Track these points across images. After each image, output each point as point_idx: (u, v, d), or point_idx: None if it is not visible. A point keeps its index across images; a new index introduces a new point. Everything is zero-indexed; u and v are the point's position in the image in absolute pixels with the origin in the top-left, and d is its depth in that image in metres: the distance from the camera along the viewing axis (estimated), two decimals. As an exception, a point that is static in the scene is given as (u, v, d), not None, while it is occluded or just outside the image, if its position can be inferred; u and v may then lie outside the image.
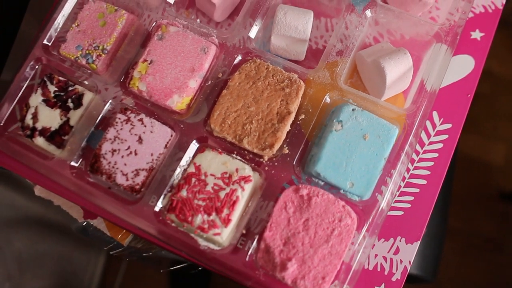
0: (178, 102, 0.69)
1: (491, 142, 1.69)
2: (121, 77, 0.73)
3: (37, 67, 0.74)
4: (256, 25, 0.73)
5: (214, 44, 0.72)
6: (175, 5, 0.77)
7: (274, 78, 0.69)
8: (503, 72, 1.79)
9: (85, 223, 0.82)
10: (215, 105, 0.68)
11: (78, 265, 1.50)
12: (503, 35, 1.74)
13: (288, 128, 0.67)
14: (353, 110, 0.67)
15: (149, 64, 0.70)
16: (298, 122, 0.69)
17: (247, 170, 0.67)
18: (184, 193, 0.66)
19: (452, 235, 1.55)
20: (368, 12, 0.73)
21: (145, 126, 0.69)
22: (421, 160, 0.73)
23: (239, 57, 0.72)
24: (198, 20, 0.77)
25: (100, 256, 1.58)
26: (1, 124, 0.72)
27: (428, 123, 0.75)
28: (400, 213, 0.71)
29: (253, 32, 0.74)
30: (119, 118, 0.69)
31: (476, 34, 0.78)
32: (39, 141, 0.71)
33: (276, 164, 0.68)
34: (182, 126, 0.70)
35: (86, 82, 0.74)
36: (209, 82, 0.71)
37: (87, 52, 0.73)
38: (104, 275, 1.59)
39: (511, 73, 1.80)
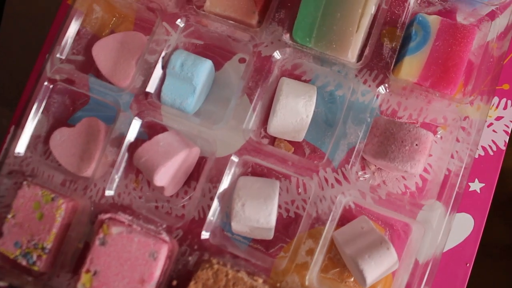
0: (130, 318, 0.61)
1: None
2: (70, 268, 0.65)
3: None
4: (211, 218, 0.62)
5: (165, 243, 0.62)
6: (124, 170, 0.67)
7: None
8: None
9: None
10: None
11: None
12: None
13: None
14: (327, 327, 0.58)
15: (93, 275, 0.61)
16: None
17: None
18: None
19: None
20: (350, 173, 0.63)
21: None
22: None
23: (195, 257, 0.62)
24: (149, 189, 0.67)
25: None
26: None
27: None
28: None
29: (212, 210, 0.63)
30: None
31: (475, 185, 0.66)
32: None
33: None
34: None
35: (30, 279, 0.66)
36: (163, 291, 0.62)
37: (27, 250, 0.65)
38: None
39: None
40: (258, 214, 0.60)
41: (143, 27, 0.71)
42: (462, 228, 0.65)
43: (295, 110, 0.62)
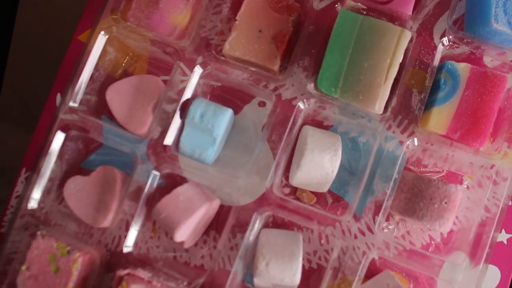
0: None
1: None
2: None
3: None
4: (234, 274, 0.61)
5: (186, 299, 0.61)
6: (141, 220, 0.65)
7: None
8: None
9: None
10: None
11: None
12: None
13: None
14: None
15: (112, 334, 0.60)
16: None
17: None
18: None
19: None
20: (373, 224, 0.62)
21: None
22: None
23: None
24: (167, 239, 0.65)
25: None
26: None
27: None
28: None
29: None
30: None
31: (502, 236, 0.64)
32: None
33: None
34: None
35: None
36: None
37: (43, 306, 0.63)
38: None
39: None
40: (283, 273, 0.59)
41: (158, 66, 0.68)
42: (488, 280, 0.64)
43: (320, 165, 0.60)
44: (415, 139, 0.61)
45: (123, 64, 0.69)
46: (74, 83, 0.64)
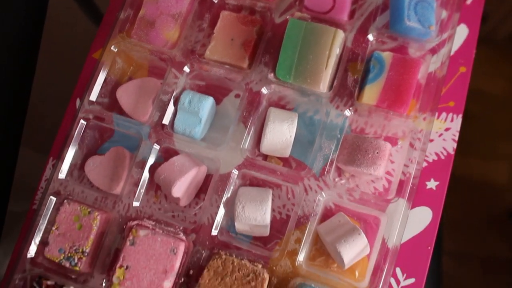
0: (156, 304, 0.75)
1: (492, 162, 1.66)
2: (104, 269, 0.80)
3: (26, 274, 0.81)
4: (219, 219, 0.78)
5: (182, 241, 0.77)
6: (146, 188, 0.82)
7: (240, 272, 0.75)
8: (492, 90, 1.75)
9: None
10: (188, 307, 0.74)
11: None
12: (486, 53, 1.70)
13: (255, 323, 0.73)
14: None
15: (126, 269, 0.76)
16: (265, 314, 0.75)
17: None
18: None
19: (468, 263, 1.54)
20: (328, 180, 0.78)
21: (130, 331, 0.75)
22: (387, 320, 0.78)
23: (207, 252, 0.77)
24: (166, 202, 0.82)
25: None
26: None
27: (392, 280, 0.79)
28: None
29: (219, 216, 0.79)
30: (106, 327, 0.75)
31: (432, 184, 0.81)
32: None
33: None
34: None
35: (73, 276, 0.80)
36: (182, 279, 0.77)
37: (69, 255, 0.79)
38: None
39: (499, 89, 1.77)
40: (256, 213, 0.76)
41: (155, 73, 0.89)
42: (423, 218, 0.80)
43: (281, 132, 0.78)
44: (351, 108, 0.80)
45: (128, 73, 0.89)
46: (92, 85, 0.84)
